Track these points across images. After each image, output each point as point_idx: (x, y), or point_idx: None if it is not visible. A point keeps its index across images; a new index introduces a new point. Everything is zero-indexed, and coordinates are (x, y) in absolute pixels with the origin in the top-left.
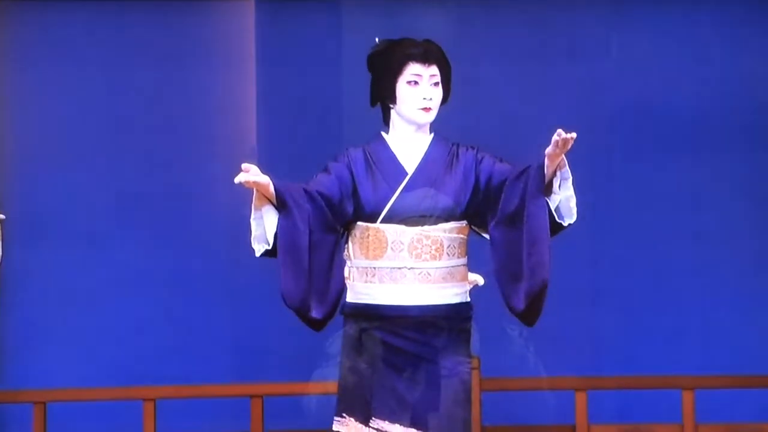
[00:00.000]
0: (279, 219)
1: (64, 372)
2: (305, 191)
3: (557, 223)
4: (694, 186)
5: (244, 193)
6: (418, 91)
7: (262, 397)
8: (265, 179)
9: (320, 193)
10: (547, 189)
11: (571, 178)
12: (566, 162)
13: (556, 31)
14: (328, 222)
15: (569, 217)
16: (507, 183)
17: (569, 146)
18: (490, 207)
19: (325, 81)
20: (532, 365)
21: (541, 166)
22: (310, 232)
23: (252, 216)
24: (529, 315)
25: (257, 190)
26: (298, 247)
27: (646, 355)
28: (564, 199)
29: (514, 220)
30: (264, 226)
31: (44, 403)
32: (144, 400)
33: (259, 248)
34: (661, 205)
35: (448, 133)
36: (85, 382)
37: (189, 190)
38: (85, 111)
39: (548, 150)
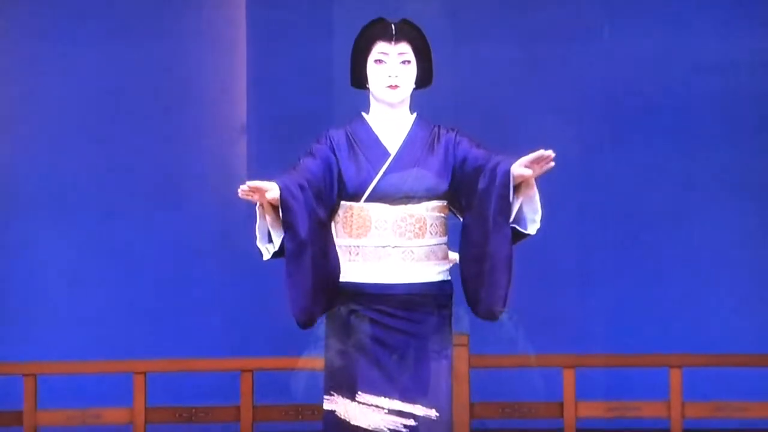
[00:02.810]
0: (286, 242)
1: (54, 346)
2: (303, 186)
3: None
4: (684, 168)
5: (236, 171)
6: (384, 69)
7: (252, 371)
8: (265, 199)
9: (309, 182)
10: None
11: (538, 200)
12: (534, 184)
13: (548, 14)
14: (320, 218)
15: (532, 227)
16: (480, 180)
17: (545, 170)
18: (463, 191)
19: (316, 58)
20: (521, 343)
21: (506, 195)
22: (312, 243)
23: (258, 224)
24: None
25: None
26: (306, 268)
27: (635, 333)
28: (530, 212)
29: (481, 226)
30: (272, 240)
31: (35, 376)
32: (134, 373)
33: (267, 253)
34: (651, 187)
35: (439, 113)
36: (74, 356)
37: (180, 167)
38: (76, 88)
39: (523, 172)
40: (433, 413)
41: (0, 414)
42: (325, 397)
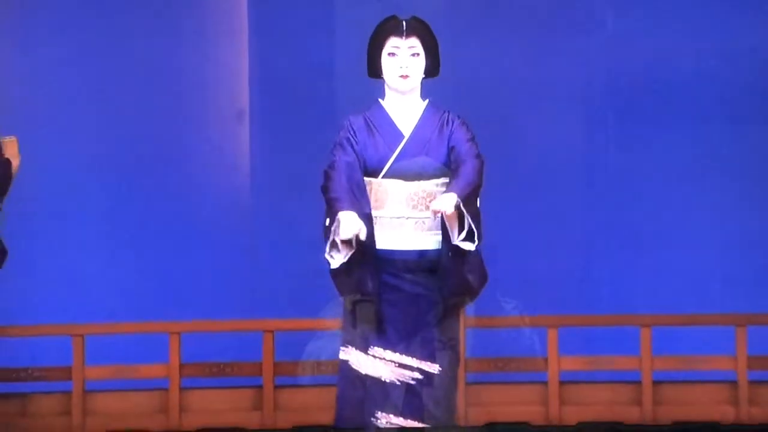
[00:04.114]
0: (356, 255)
1: (97, 311)
2: (353, 191)
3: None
4: (683, 154)
5: (239, 158)
6: (396, 61)
7: (273, 332)
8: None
9: (358, 184)
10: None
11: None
12: (458, 216)
13: (552, 3)
14: (368, 212)
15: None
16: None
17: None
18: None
19: (318, 46)
20: (511, 308)
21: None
22: (370, 242)
23: (330, 241)
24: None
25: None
26: (363, 265)
27: (619, 297)
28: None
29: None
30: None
31: (82, 336)
32: (170, 333)
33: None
34: (650, 172)
35: (448, 102)
36: (113, 319)
37: (187, 151)
38: (81, 78)
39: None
40: (436, 368)
41: (53, 369)
42: (342, 348)
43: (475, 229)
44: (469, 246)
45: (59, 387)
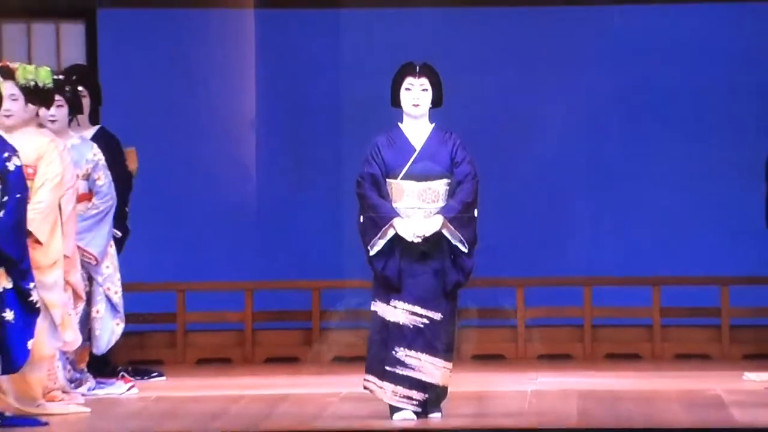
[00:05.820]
0: (389, 243)
1: (194, 272)
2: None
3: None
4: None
5: (247, 162)
6: (411, 95)
7: (320, 289)
8: None
9: (382, 192)
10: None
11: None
12: (446, 228)
13: (560, 14)
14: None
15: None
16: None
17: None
18: None
19: (322, 58)
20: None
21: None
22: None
23: (377, 237)
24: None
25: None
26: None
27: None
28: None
29: None
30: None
31: (184, 291)
32: (245, 290)
33: (373, 252)
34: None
35: (460, 111)
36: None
37: (199, 158)
38: (121, 84)
39: None
40: (438, 316)
41: (162, 315)
42: (372, 301)
43: (464, 241)
44: (464, 248)
45: (166, 327)
